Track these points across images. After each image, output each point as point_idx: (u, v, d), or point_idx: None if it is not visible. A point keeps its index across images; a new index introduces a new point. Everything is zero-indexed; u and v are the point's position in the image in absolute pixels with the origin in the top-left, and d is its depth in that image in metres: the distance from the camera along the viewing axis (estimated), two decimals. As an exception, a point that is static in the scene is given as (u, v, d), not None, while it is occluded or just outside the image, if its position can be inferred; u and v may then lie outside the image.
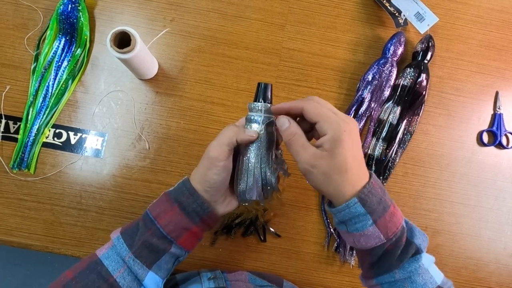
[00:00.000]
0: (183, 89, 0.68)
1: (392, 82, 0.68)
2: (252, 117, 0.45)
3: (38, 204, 0.64)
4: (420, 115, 0.68)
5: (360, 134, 0.68)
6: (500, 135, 0.69)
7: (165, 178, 0.66)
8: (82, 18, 0.66)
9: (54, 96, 0.65)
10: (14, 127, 0.65)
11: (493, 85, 0.71)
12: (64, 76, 0.66)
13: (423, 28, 0.71)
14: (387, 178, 0.67)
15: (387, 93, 0.68)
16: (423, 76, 0.66)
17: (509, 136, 0.70)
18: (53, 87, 0.66)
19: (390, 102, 0.68)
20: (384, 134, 0.67)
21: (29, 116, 0.65)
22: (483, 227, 0.68)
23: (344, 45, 0.71)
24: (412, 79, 0.67)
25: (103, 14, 0.69)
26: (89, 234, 0.64)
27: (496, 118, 0.70)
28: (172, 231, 0.43)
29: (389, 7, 0.70)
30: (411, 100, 0.67)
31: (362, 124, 0.67)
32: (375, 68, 0.68)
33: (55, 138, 0.65)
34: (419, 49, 0.68)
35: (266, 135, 0.45)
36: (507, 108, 0.71)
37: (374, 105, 0.68)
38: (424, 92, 0.67)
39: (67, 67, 0.66)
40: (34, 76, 0.66)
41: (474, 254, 0.68)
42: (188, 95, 0.68)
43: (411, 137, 0.68)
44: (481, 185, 0.69)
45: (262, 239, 0.65)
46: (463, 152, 0.69)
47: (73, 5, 0.65)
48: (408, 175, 0.68)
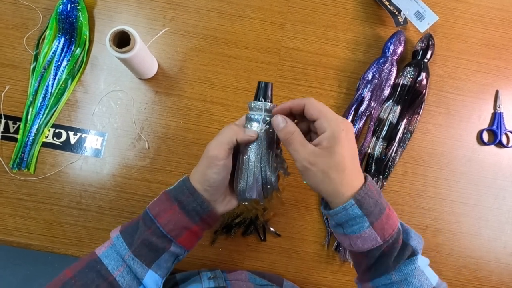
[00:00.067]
0: (183, 89, 0.68)
1: (392, 81, 0.68)
2: (253, 116, 0.45)
3: (38, 204, 0.64)
4: (420, 114, 0.68)
5: (360, 133, 0.68)
6: (500, 134, 0.69)
7: (165, 178, 0.66)
8: (82, 18, 0.66)
9: (54, 96, 0.65)
10: (14, 127, 0.65)
11: (493, 84, 0.71)
12: (64, 76, 0.66)
13: (423, 27, 0.71)
14: (387, 177, 0.67)
15: (387, 92, 0.68)
16: (423, 75, 0.66)
17: (509, 135, 0.70)
18: (53, 87, 0.66)
19: (390, 101, 0.68)
20: (384, 133, 0.67)
21: (29, 116, 0.65)
22: (483, 226, 0.68)
23: (344, 44, 0.71)
24: (412, 78, 0.67)
25: (103, 14, 0.69)
26: (89, 234, 0.64)
27: (496, 117, 0.70)
28: (172, 230, 0.43)
29: (389, 6, 0.70)
30: (411, 99, 0.67)
31: (362, 123, 0.67)
32: (375, 67, 0.67)
33: (55, 138, 0.65)
34: (419, 48, 0.68)
35: (266, 134, 0.45)
36: (507, 107, 0.71)
37: (374, 104, 0.67)
38: (424, 91, 0.67)
39: (67, 67, 0.66)
40: (34, 76, 0.66)
41: (474, 253, 0.68)
42: (188, 95, 0.68)
43: (411, 136, 0.68)
44: (481, 184, 0.69)
45: (262, 239, 0.65)
46: (463, 151, 0.69)
47: (73, 5, 0.65)
48: (408, 174, 0.68)
